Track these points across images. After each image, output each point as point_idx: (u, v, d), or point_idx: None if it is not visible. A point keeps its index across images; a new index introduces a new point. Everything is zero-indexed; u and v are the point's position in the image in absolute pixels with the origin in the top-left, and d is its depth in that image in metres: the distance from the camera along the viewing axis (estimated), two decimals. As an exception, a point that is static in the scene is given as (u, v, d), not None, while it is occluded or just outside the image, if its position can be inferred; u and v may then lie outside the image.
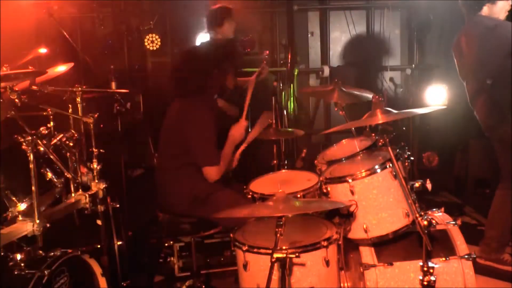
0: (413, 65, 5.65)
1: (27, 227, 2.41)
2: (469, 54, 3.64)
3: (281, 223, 2.13)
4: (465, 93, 3.84)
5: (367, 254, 2.70)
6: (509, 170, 3.67)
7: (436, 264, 2.49)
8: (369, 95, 3.39)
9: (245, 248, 2.42)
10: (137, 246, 4.18)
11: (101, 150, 3.29)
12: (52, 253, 2.60)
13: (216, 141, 3.27)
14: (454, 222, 2.79)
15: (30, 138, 2.37)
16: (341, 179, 2.67)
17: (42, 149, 2.45)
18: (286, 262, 2.07)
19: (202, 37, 5.06)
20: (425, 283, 2.43)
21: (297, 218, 2.73)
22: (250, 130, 3.53)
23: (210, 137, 3.25)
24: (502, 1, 3.59)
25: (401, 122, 5.24)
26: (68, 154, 2.73)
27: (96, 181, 3.05)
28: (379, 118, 2.45)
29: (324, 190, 2.75)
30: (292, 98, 4.83)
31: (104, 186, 3.05)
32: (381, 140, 2.51)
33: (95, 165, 3.08)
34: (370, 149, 3.04)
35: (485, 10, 3.60)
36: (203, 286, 3.54)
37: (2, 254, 2.51)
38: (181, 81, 3.36)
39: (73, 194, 2.76)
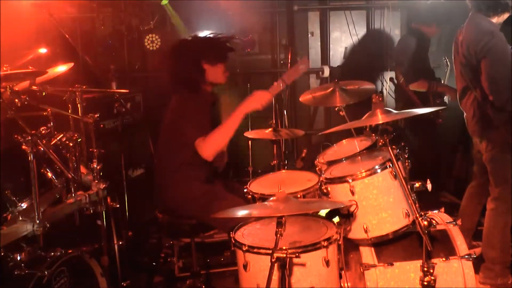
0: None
1: (27, 227, 2.41)
2: (462, 53, 3.60)
3: (281, 223, 2.13)
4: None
5: (367, 254, 2.70)
6: (502, 179, 3.49)
7: (436, 264, 2.48)
8: (369, 86, 3.38)
9: (245, 248, 2.41)
10: (137, 246, 4.19)
11: (101, 150, 3.30)
12: (52, 253, 2.60)
13: (206, 126, 3.19)
14: (454, 222, 2.80)
15: (30, 138, 2.37)
16: (341, 179, 2.67)
17: (42, 149, 2.45)
18: (286, 262, 2.06)
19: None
20: (425, 283, 2.44)
21: (297, 218, 2.73)
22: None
23: (200, 120, 3.17)
24: (507, 13, 3.53)
25: (401, 122, 5.24)
26: (68, 154, 2.73)
27: (96, 181, 3.05)
28: (379, 118, 2.45)
29: (324, 190, 2.75)
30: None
31: (104, 186, 3.05)
32: (381, 140, 2.51)
33: (95, 165, 3.08)
34: (370, 149, 3.05)
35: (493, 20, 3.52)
36: (203, 286, 3.54)
37: (2, 254, 2.52)
38: (172, 77, 3.35)
39: (73, 194, 2.76)
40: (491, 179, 3.58)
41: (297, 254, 2.10)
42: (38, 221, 2.41)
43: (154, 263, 4.17)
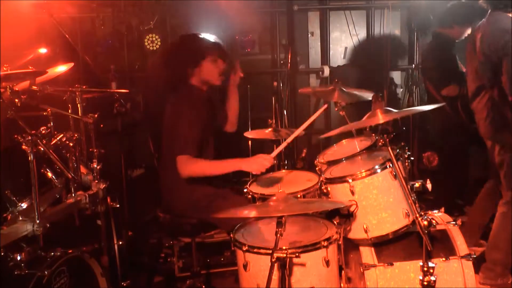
0: (413, 65, 5.66)
1: (27, 227, 2.41)
2: (481, 50, 3.49)
3: (281, 223, 2.13)
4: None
5: (367, 254, 2.70)
6: None
7: (436, 264, 2.49)
8: (369, 95, 3.37)
9: (245, 248, 2.41)
10: (137, 246, 4.18)
11: (101, 150, 3.30)
12: (52, 253, 2.60)
13: (196, 133, 3.18)
14: (454, 222, 2.80)
15: (30, 138, 2.37)
16: (341, 179, 2.67)
17: (42, 149, 2.45)
18: (286, 262, 2.07)
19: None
20: (425, 283, 2.43)
21: (297, 218, 2.73)
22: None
23: (188, 128, 3.15)
24: None
25: (401, 122, 5.24)
26: (68, 154, 2.73)
27: (96, 181, 3.05)
28: (379, 118, 2.45)
29: (324, 190, 2.75)
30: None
31: (104, 186, 3.06)
32: (381, 140, 2.51)
33: (95, 165, 3.08)
34: (370, 149, 3.04)
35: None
36: (203, 286, 3.54)
37: (2, 254, 2.52)
38: (162, 79, 3.37)
39: (73, 194, 2.76)
40: (503, 182, 3.53)
41: (297, 254, 2.10)
42: (38, 221, 2.41)
43: (154, 263, 4.17)
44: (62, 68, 3.45)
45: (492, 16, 3.47)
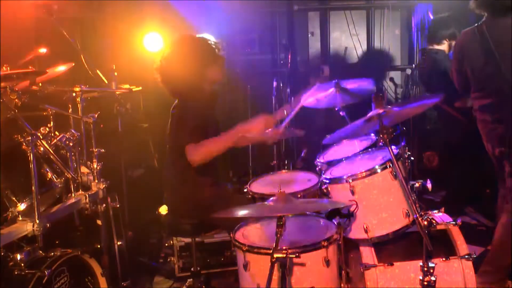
0: (413, 65, 5.66)
1: (27, 227, 2.42)
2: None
3: (281, 223, 2.13)
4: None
5: (367, 254, 2.70)
6: None
7: (436, 264, 2.49)
8: (371, 84, 3.37)
9: (245, 248, 2.41)
10: (137, 246, 4.19)
11: (101, 150, 3.30)
12: (52, 253, 2.60)
13: (200, 121, 3.12)
14: (454, 222, 2.79)
15: (30, 138, 2.37)
16: (341, 179, 2.67)
17: (42, 149, 2.45)
18: (286, 262, 2.06)
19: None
20: (425, 283, 2.43)
21: (297, 218, 2.73)
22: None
23: (193, 118, 3.10)
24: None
25: (401, 122, 5.24)
26: (68, 154, 2.74)
27: (96, 181, 3.06)
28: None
29: (324, 190, 2.75)
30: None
31: (104, 186, 3.06)
32: (381, 140, 2.51)
33: (95, 165, 3.08)
34: (370, 149, 3.05)
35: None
36: (203, 286, 3.54)
37: (2, 254, 2.52)
38: (167, 82, 3.34)
39: (73, 194, 2.76)
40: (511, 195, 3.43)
41: (297, 254, 2.10)
42: (38, 221, 2.41)
43: (154, 263, 4.17)
44: (62, 68, 3.45)
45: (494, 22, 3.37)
